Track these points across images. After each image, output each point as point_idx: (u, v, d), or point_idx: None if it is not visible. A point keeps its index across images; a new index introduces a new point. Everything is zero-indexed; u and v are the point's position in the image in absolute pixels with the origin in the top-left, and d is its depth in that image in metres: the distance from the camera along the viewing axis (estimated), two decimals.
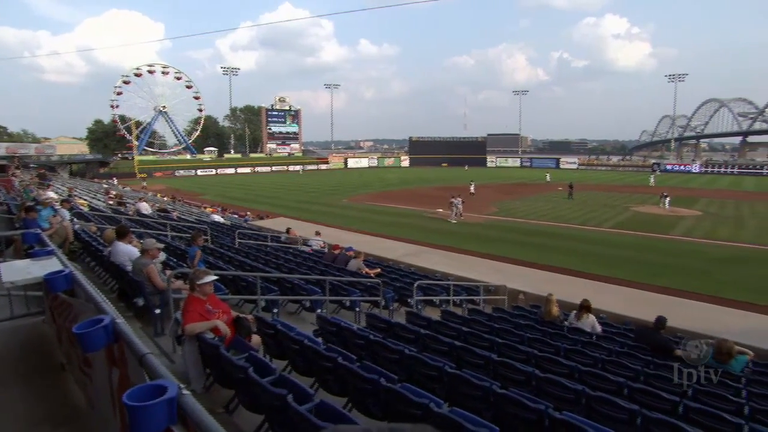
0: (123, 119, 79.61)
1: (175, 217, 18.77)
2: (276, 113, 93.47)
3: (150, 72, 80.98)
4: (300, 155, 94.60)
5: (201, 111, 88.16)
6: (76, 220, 10.91)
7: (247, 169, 79.41)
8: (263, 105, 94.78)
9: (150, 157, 78.74)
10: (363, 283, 9.16)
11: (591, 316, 8.16)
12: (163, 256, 7.30)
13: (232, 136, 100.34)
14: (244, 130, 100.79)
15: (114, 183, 48.27)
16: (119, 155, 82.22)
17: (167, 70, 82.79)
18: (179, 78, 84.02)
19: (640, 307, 10.57)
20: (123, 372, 1.66)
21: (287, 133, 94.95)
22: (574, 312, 8.41)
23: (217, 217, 21.76)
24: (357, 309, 8.19)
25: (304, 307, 8.11)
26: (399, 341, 5.31)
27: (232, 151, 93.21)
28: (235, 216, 26.99)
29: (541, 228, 25.10)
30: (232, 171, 77.52)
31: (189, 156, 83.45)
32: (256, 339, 4.87)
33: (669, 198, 32.32)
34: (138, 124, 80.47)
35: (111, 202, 23.62)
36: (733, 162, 79.95)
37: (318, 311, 7.21)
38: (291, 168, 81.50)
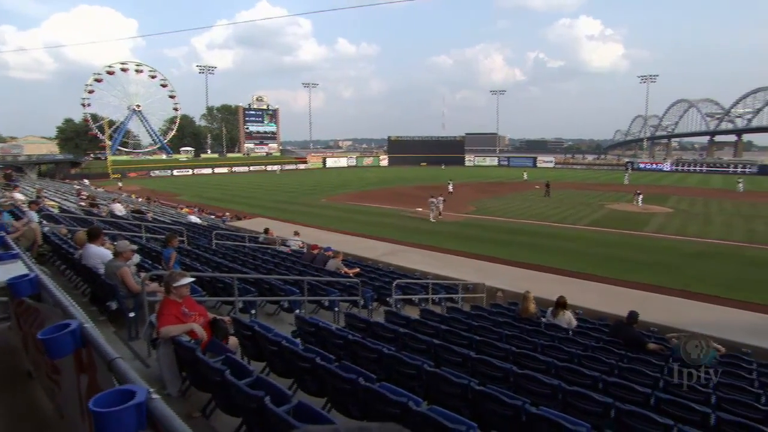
0: (95, 118, 77.56)
1: (150, 219, 18.39)
2: (253, 112, 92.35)
3: (123, 70, 79.06)
4: (278, 155, 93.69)
5: (177, 110, 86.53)
6: (45, 222, 10.59)
7: (225, 169, 78.24)
8: (240, 104, 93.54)
9: (124, 157, 76.90)
10: (342, 283, 9.14)
11: (567, 312, 8.31)
12: (137, 258, 7.14)
13: (208, 135, 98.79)
14: (221, 129, 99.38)
15: (86, 184, 46.93)
16: (91, 155, 79.98)
17: (141, 68, 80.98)
18: (154, 76, 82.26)
19: (615, 303, 10.78)
20: (92, 378, 1.62)
21: (265, 133, 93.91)
22: (550, 309, 8.55)
23: (194, 218, 21.42)
24: (336, 309, 8.17)
25: (282, 308, 8.04)
26: (378, 340, 5.31)
27: (209, 151, 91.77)
28: (213, 217, 26.59)
29: (519, 226, 25.45)
30: (209, 171, 76.27)
31: (164, 156, 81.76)
32: (233, 341, 4.80)
33: (642, 196, 33.17)
34: (111, 123, 78.38)
35: (83, 203, 22.95)
36: (702, 160, 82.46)
37: (296, 312, 7.15)
38: (269, 168, 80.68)
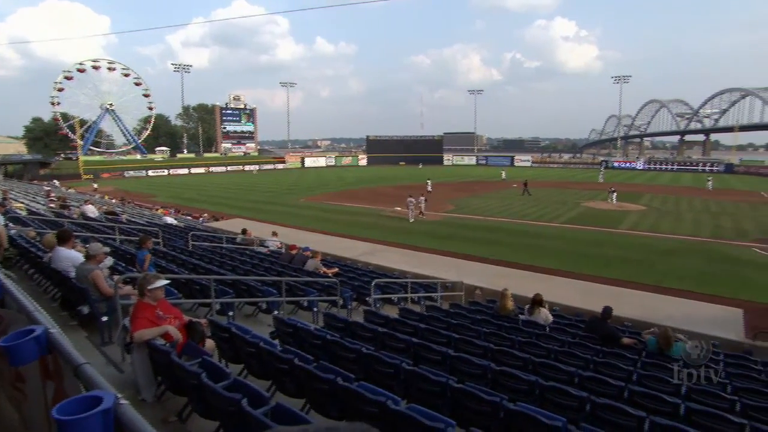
0: (65, 117, 75.22)
1: (125, 220, 17.96)
2: (230, 112, 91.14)
3: (95, 68, 76.82)
4: (256, 155, 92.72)
5: (151, 109, 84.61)
6: (11, 225, 10.24)
7: (201, 169, 76.93)
8: (217, 103, 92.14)
9: (96, 158, 74.82)
10: (320, 283, 9.10)
11: (543, 310, 8.44)
12: (110, 261, 6.98)
13: (184, 135, 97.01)
14: (197, 129, 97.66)
15: (56, 185, 45.56)
16: (62, 155, 77.52)
17: (113, 66, 78.82)
18: (127, 75, 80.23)
19: (591, 299, 11.01)
20: (58, 385, 1.57)
21: (242, 132, 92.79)
22: (527, 306, 8.68)
23: (170, 219, 20.99)
24: (315, 309, 8.13)
25: (260, 309, 7.96)
26: (357, 340, 5.31)
27: (185, 151, 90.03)
28: (189, 218, 26.14)
29: (497, 224, 25.73)
30: (185, 171, 74.82)
31: (139, 156, 79.98)
32: (209, 343, 4.74)
33: (616, 193, 33.93)
34: (82, 122, 76.23)
35: (53, 205, 22.28)
36: (673, 159, 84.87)
37: (275, 313, 7.09)
38: (247, 168, 79.73)
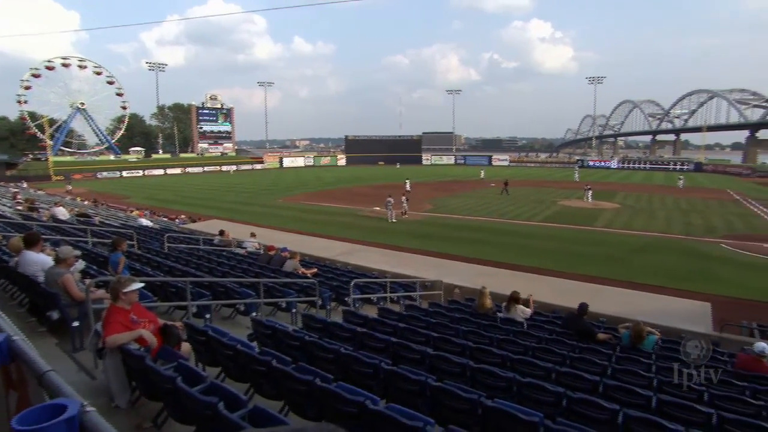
0: (33, 116, 72.75)
1: (98, 222, 17.50)
2: (207, 111, 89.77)
3: (65, 65, 74.55)
4: (233, 155, 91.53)
5: (125, 108, 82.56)
6: None
7: (178, 170, 75.56)
8: (193, 103, 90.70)
9: (67, 158, 72.78)
10: (299, 284, 9.04)
11: (519, 306, 8.56)
12: (82, 264, 6.79)
13: (160, 135, 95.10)
14: (173, 129, 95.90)
15: (23, 186, 44.08)
16: (30, 156, 75.04)
17: (84, 63, 76.62)
18: (99, 73, 78.11)
19: (567, 296, 11.19)
20: (22, 394, 1.52)
21: (219, 132, 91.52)
22: (503, 305, 8.79)
23: (145, 221, 20.56)
24: (293, 310, 8.08)
25: (238, 311, 7.87)
26: (335, 341, 5.30)
27: (160, 151, 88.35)
28: (165, 219, 25.65)
29: (476, 223, 25.99)
30: (160, 172, 73.34)
31: (113, 156, 78.10)
32: (185, 347, 4.66)
33: (591, 191, 34.61)
34: (52, 122, 73.69)
35: (20, 207, 21.56)
36: (645, 158, 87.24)
37: (252, 314, 7.02)
38: (224, 168, 78.67)
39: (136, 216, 24.03)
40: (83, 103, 77.22)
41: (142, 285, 4.42)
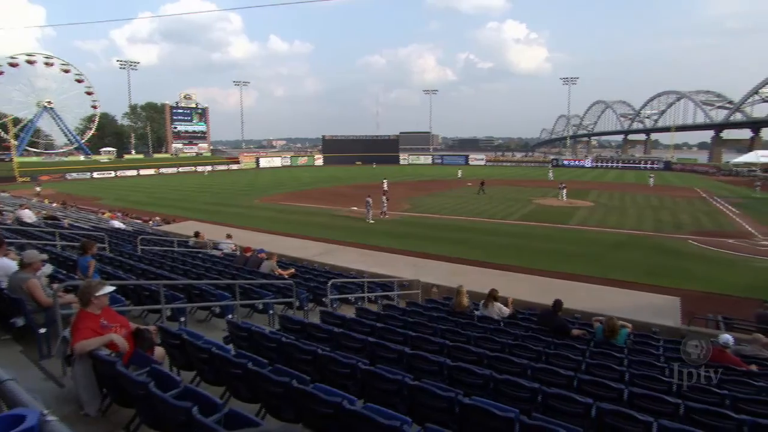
0: None
1: (67, 225, 16.99)
2: (181, 111, 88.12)
3: (29, 62, 71.99)
4: (209, 155, 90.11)
5: (95, 108, 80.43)
6: None
7: (151, 171, 73.91)
8: (167, 102, 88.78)
9: (33, 159, 70.39)
10: (276, 285, 8.96)
11: (497, 303, 8.68)
12: (49, 268, 6.58)
13: (132, 135, 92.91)
14: (146, 129, 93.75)
15: None
16: None
17: (51, 60, 74.21)
18: (67, 71, 75.76)
19: (542, 293, 11.35)
20: None
21: (194, 132, 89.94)
22: (482, 302, 8.90)
23: (117, 223, 20.05)
24: (270, 312, 8.00)
25: (214, 314, 7.74)
26: (312, 341, 5.27)
27: (133, 152, 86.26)
28: (138, 221, 25.06)
29: (453, 223, 26.20)
30: (133, 173, 71.61)
31: (82, 157, 75.86)
32: (159, 351, 4.56)
33: (566, 190, 35.28)
34: (16, 121, 71.12)
35: None
36: (618, 157, 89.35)
37: (228, 317, 6.93)
38: (199, 168, 77.32)
39: (107, 218, 23.44)
40: (50, 102, 74.87)
41: (113, 289, 4.30)
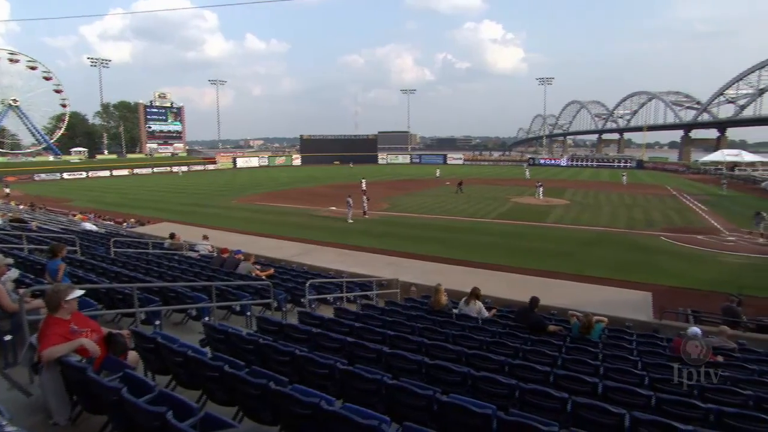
0: None
1: (35, 228, 16.45)
2: (156, 110, 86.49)
3: None
4: (184, 155, 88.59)
5: (65, 106, 78.22)
6: None
7: (125, 171, 72.19)
8: (141, 101, 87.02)
9: None
10: (253, 286, 8.85)
11: (478, 302, 8.75)
12: (15, 273, 6.35)
13: (104, 135, 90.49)
14: (119, 128, 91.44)
15: None
16: None
17: (16, 57, 71.77)
18: (34, 68, 73.41)
19: (519, 290, 11.49)
20: None
21: (169, 132, 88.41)
22: (463, 299, 8.96)
23: (89, 225, 19.52)
24: (248, 313, 7.90)
25: (190, 317, 7.61)
26: (291, 342, 5.23)
27: (105, 152, 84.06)
28: (111, 223, 24.46)
29: (431, 222, 26.37)
30: (106, 174, 69.80)
31: (51, 158, 73.63)
32: (133, 356, 4.45)
33: (542, 188, 35.86)
34: None
35: None
36: (592, 156, 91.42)
37: (205, 319, 6.82)
38: (174, 169, 75.86)
39: (79, 220, 22.81)
40: (16, 100, 72.52)
41: (82, 292, 4.18)
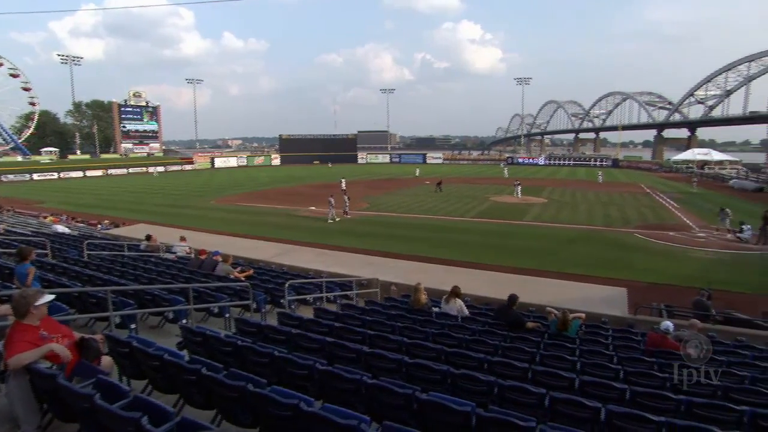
0: None
1: (2, 231, 15.93)
2: (131, 109, 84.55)
3: None
4: (161, 155, 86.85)
5: (34, 105, 75.73)
6: None
7: (99, 172, 70.27)
8: (115, 100, 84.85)
9: None
10: (232, 288, 8.75)
11: (459, 300, 8.82)
12: None
13: (77, 134, 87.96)
14: (92, 128, 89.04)
15: None
16: None
17: None
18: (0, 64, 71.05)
19: (499, 288, 11.58)
20: None
21: (145, 132, 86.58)
22: (443, 297, 9.02)
23: (61, 228, 19.00)
24: (227, 315, 7.81)
25: (167, 320, 7.48)
26: (270, 344, 5.18)
27: (78, 152, 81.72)
28: (84, 225, 23.84)
29: (411, 221, 26.46)
30: (79, 174, 67.87)
31: (20, 158, 71.25)
32: (106, 361, 4.34)
33: (521, 187, 36.32)
34: None
35: None
36: (569, 155, 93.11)
37: (182, 322, 6.71)
38: (150, 169, 74.28)
39: (50, 222, 22.15)
40: None
41: (52, 297, 4.05)
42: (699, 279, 14.09)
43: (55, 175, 65.57)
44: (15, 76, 72.55)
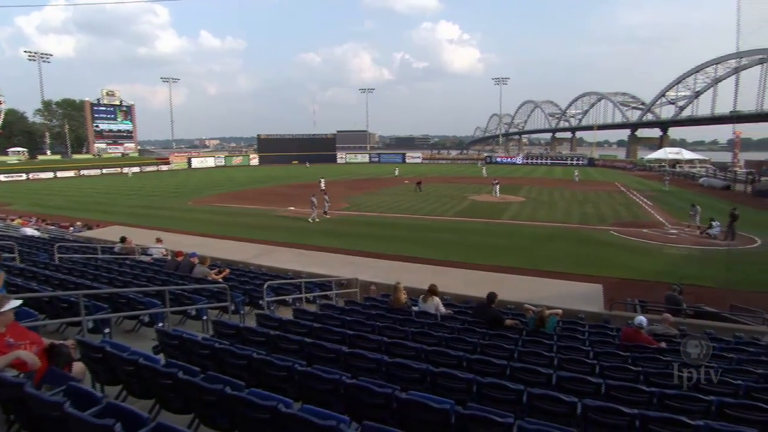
0: None
1: None
2: (104, 108, 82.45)
3: None
4: (136, 155, 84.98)
5: None
6: None
7: (71, 173, 68.35)
8: (87, 98, 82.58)
9: None
10: (210, 290, 8.62)
11: (436, 298, 8.86)
12: None
13: (47, 134, 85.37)
14: (63, 127, 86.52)
15: None
16: None
17: None
18: None
19: (478, 286, 11.68)
20: None
21: (119, 131, 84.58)
22: (421, 296, 9.06)
23: (30, 230, 18.42)
24: (204, 317, 7.68)
25: (142, 323, 7.32)
26: (248, 346, 5.13)
27: (48, 152, 79.34)
28: (55, 228, 23.16)
29: (391, 220, 26.52)
30: (49, 175, 65.88)
31: None
32: (78, 367, 4.23)
33: (499, 186, 36.73)
34: None
35: None
36: (547, 154, 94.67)
37: (158, 325, 6.57)
38: (125, 170, 72.60)
39: (18, 225, 21.46)
40: None
41: (19, 303, 3.92)
42: (671, 274, 14.50)
43: (24, 176, 63.46)
44: None
